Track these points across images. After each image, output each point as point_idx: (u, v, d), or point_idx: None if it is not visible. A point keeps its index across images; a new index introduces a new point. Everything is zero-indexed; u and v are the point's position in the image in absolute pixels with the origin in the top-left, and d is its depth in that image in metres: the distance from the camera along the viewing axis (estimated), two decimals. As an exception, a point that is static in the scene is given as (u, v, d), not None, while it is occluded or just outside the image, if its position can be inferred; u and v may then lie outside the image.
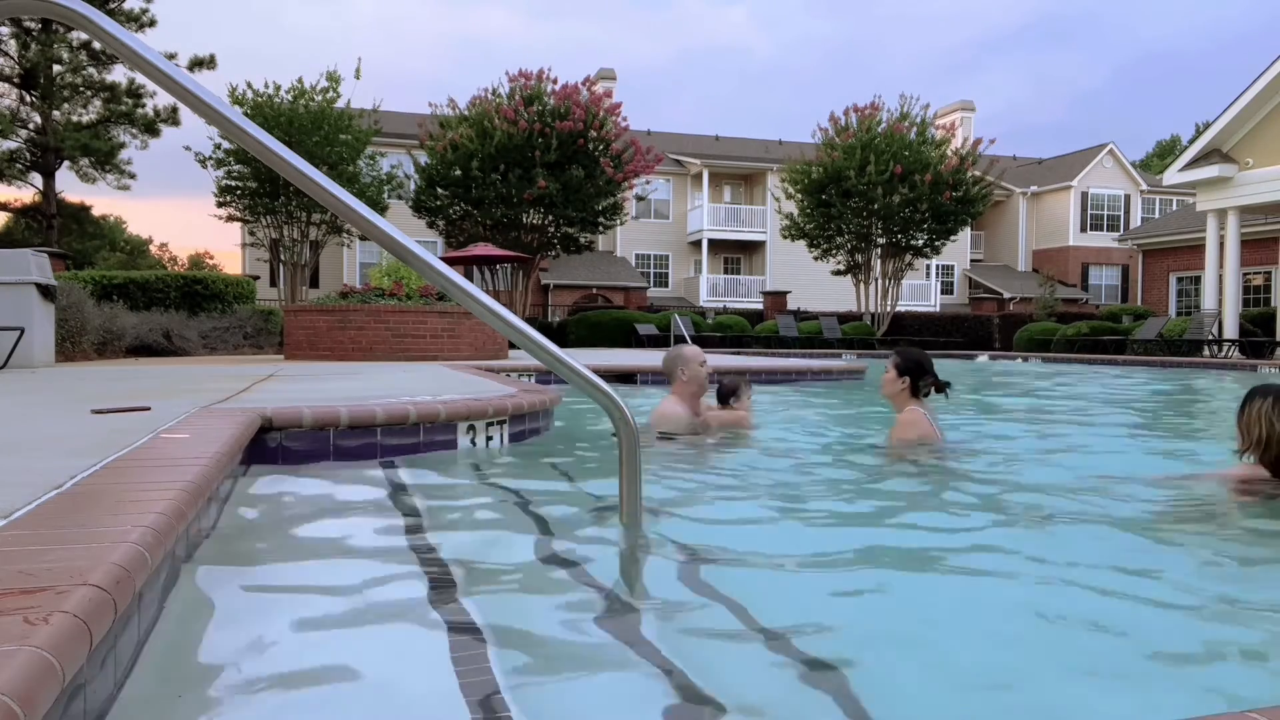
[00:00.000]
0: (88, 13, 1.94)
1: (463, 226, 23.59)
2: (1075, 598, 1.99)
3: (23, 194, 25.75)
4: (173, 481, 1.99)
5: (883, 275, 26.07)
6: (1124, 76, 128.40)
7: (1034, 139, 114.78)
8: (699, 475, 3.79)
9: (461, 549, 2.30)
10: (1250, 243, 21.72)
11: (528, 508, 2.95)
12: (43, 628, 1.03)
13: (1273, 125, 17.89)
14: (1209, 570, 2.33)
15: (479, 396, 4.35)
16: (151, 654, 1.48)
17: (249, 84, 20.37)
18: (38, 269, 8.59)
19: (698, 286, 36.16)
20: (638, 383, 9.17)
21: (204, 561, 2.04)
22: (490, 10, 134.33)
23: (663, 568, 2.21)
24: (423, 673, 1.47)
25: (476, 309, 2.19)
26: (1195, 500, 3.37)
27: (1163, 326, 20.25)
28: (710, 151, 38.26)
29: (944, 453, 4.24)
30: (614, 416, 2.24)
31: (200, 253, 70.61)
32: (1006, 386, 11.23)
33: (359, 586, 1.96)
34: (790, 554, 2.38)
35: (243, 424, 3.14)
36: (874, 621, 1.86)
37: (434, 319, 11.09)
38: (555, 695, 1.41)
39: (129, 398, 4.32)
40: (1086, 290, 38.79)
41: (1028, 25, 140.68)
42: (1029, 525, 2.83)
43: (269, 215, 21.02)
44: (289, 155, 2.09)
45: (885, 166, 23.36)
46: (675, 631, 1.72)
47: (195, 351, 13.20)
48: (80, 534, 1.51)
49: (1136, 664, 1.62)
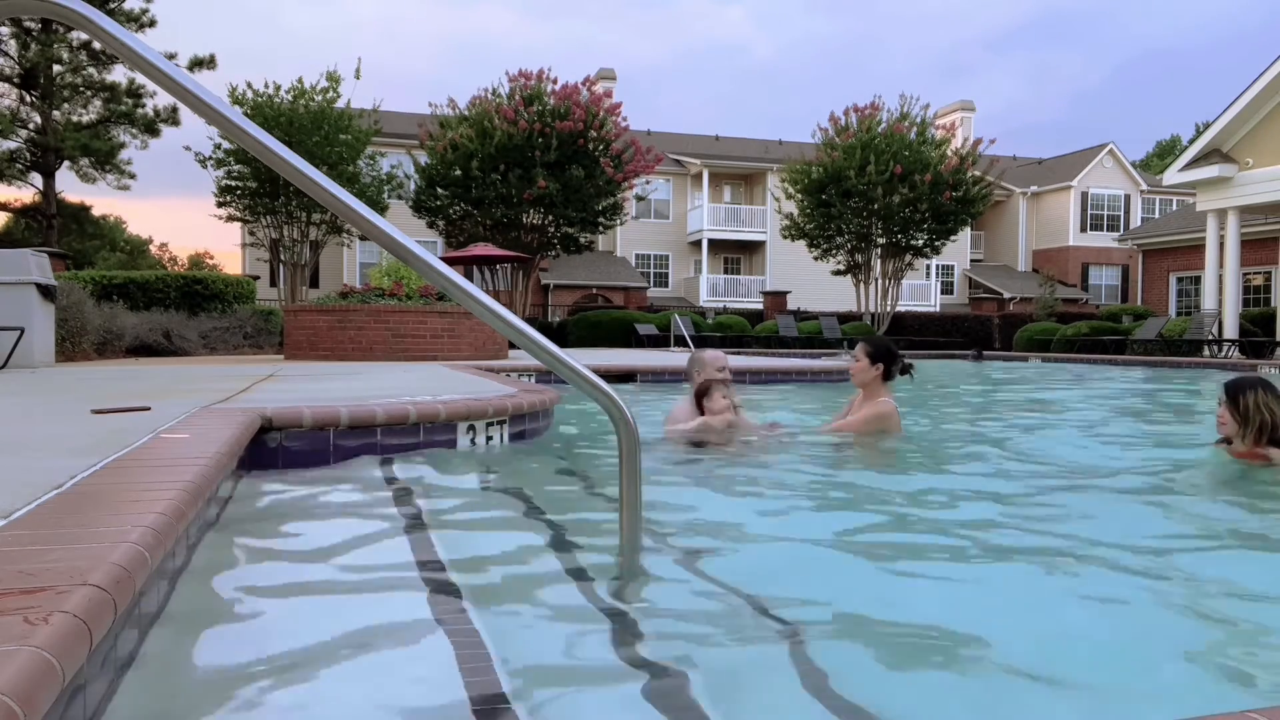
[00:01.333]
0: (88, 13, 1.94)
1: (463, 226, 23.59)
2: (1124, 589, 2.00)
3: (23, 194, 25.79)
4: (173, 481, 1.99)
5: (883, 275, 26.06)
6: (1124, 75, 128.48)
7: (1034, 139, 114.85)
8: (699, 475, 3.79)
9: (461, 549, 2.30)
10: (1250, 243, 21.71)
11: (528, 507, 2.95)
12: (43, 628, 1.03)
13: (1273, 125, 17.89)
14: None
15: (479, 396, 4.35)
16: (148, 653, 1.47)
17: (249, 84, 20.39)
18: (38, 269, 8.59)
19: (698, 286, 36.15)
20: (638, 383, 9.17)
21: (204, 560, 2.04)
22: (490, 10, 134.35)
23: (662, 567, 2.21)
24: (423, 673, 1.47)
25: (476, 309, 2.19)
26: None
27: (1163, 326, 20.25)
28: (710, 151, 38.26)
29: (913, 444, 4.30)
30: (614, 417, 2.24)
31: (200, 253, 70.69)
32: (986, 383, 11.24)
33: (359, 587, 1.96)
34: (790, 553, 2.38)
35: (243, 424, 3.14)
36: (873, 623, 1.86)
37: (434, 319, 11.09)
38: (556, 695, 1.41)
39: (129, 398, 4.32)
40: (1086, 290, 38.79)
41: (1027, 24, 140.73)
42: (1031, 517, 2.83)
43: (269, 215, 21.02)
44: (289, 155, 2.09)
45: (885, 166, 23.36)
46: (675, 631, 1.72)
47: (195, 351, 13.20)
48: (80, 534, 1.51)
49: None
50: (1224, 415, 3.82)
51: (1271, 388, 3.74)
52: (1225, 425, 3.83)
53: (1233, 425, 3.77)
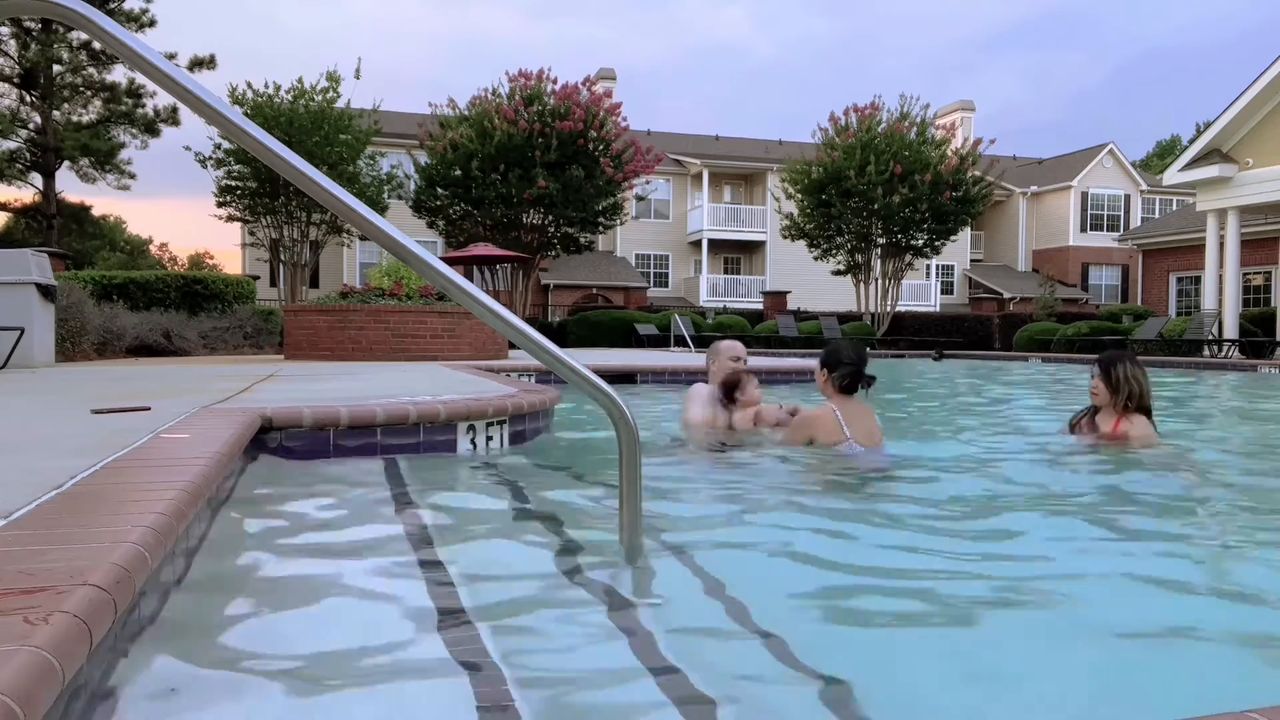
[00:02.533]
0: (88, 13, 1.94)
1: (463, 226, 23.60)
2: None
3: (23, 194, 25.80)
4: (173, 481, 1.99)
5: (883, 275, 26.06)
6: (1124, 76, 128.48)
7: (1034, 139, 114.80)
8: (700, 474, 3.79)
9: (461, 549, 2.30)
10: (1250, 243, 21.71)
11: (528, 507, 2.95)
12: (43, 628, 1.03)
13: (1273, 125, 17.89)
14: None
15: (479, 396, 4.35)
16: (146, 650, 1.47)
17: (249, 84, 20.41)
18: (38, 269, 8.59)
19: (698, 286, 36.15)
20: (638, 382, 9.17)
21: (204, 560, 2.04)
22: (490, 10, 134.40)
23: (662, 567, 2.21)
24: (424, 674, 1.47)
25: (476, 309, 2.19)
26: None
27: (1163, 326, 20.24)
28: (710, 151, 38.26)
29: (853, 462, 3.85)
30: (614, 417, 2.24)
31: (200, 253, 70.68)
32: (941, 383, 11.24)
33: (359, 586, 1.96)
34: (791, 552, 2.37)
35: (243, 424, 3.14)
36: (874, 624, 1.86)
37: (434, 319, 11.09)
38: (556, 693, 1.41)
39: (129, 398, 4.32)
40: (1086, 290, 38.79)
41: (1027, 24, 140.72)
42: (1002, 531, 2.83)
43: (269, 215, 21.03)
44: (289, 155, 2.09)
45: (885, 166, 23.36)
46: (674, 631, 1.72)
47: (195, 351, 13.20)
48: (80, 534, 1.51)
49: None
50: (1097, 386, 4.24)
51: (1139, 362, 4.26)
52: (1098, 395, 4.26)
53: (1105, 395, 4.22)
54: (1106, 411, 4.27)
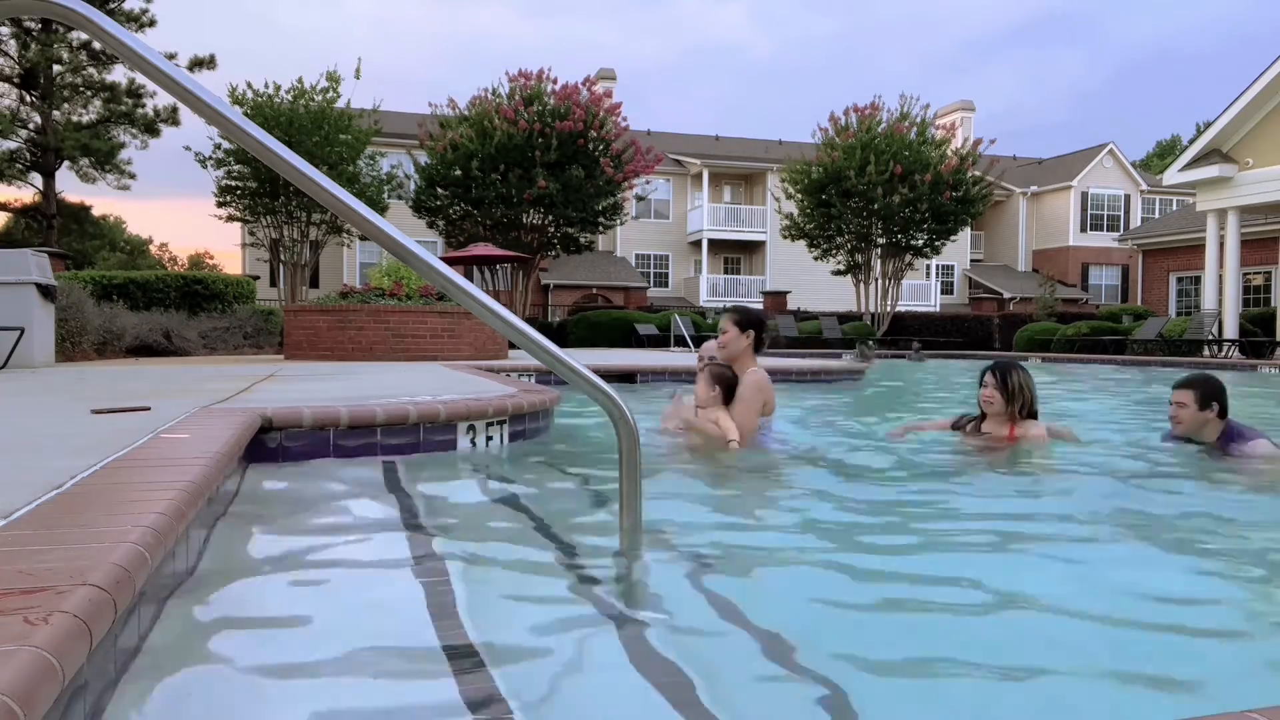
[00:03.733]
0: (88, 13, 1.94)
1: (463, 226, 23.59)
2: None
3: (23, 194, 25.81)
4: (173, 481, 1.99)
5: (883, 275, 26.05)
6: (1124, 76, 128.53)
7: (1034, 139, 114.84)
8: (700, 474, 3.79)
9: (461, 549, 2.30)
10: (1250, 243, 21.71)
11: (528, 507, 2.95)
12: (43, 628, 1.03)
13: (1273, 125, 17.89)
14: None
15: (479, 396, 4.34)
16: (145, 661, 1.47)
17: (249, 84, 20.38)
18: (38, 269, 8.59)
19: (698, 286, 36.15)
20: (638, 382, 9.17)
21: (204, 560, 2.04)
22: (489, 10, 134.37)
23: (662, 567, 2.21)
24: (424, 674, 1.47)
25: (476, 309, 2.19)
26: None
27: (1163, 326, 20.24)
28: (710, 151, 38.26)
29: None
30: (614, 416, 2.24)
31: (200, 253, 70.71)
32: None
33: (358, 585, 1.96)
34: (791, 552, 2.38)
35: (243, 424, 3.13)
36: (875, 622, 1.86)
37: (434, 319, 11.09)
38: (552, 693, 1.41)
39: (129, 398, 4.32)
40: (1086, 290, 38.78)
41: (1028, 25, 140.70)
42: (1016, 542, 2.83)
43: (269, 215, 21.01)
44: (289, 155, 2.09)
45: (885, 166, 23.35)
46: (674, 631, 1.72)
47: (195, 351, 13.20)
48: (80, 534, 1.51)
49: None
50: (991, 394, 4.35)
51: (1027, 371, 4.48)
52: (993, 403, 4.37)
53: (999, 402, 4.34)
54: (997, 418, 4.40)
